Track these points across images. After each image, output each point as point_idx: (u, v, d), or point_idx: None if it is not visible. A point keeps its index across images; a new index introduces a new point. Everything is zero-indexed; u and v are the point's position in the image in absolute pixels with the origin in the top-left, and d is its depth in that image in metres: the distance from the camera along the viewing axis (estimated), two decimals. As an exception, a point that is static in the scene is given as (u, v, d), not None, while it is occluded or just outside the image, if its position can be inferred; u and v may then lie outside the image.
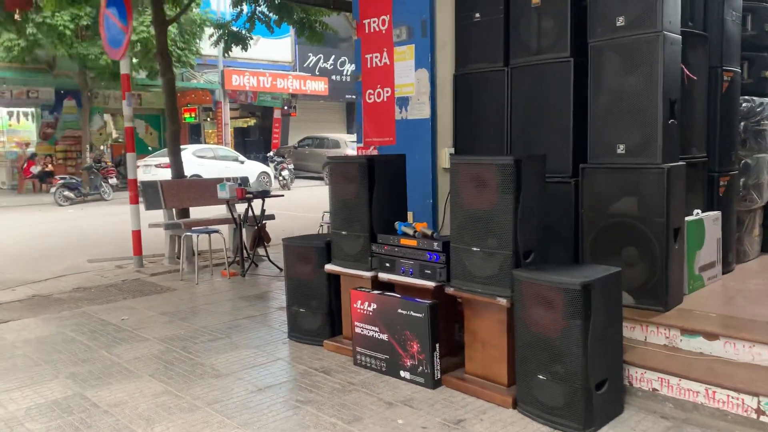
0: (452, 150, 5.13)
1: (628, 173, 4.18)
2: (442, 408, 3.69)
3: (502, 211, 3.61)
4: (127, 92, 7.85)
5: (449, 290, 3.92)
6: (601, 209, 4.34)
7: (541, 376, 3.42)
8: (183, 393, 4.02)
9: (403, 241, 4.21)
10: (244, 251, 7.70)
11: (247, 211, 7.89)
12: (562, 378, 3.33)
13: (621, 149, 4.19)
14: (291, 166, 23.11)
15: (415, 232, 4.18)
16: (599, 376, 3.34)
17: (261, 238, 7.86)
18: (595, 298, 3.27)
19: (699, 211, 4.73)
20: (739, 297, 4.51)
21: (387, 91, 5.33)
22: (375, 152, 5.44)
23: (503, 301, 3.63)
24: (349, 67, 29.50)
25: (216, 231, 7.56)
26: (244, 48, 10.63)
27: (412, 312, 3.96)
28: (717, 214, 4.91)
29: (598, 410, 3.33)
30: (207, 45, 19.87)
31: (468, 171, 3.74)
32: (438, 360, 3.95)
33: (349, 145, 23.65)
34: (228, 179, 7.78)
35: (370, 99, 5.47)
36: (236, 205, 7.84)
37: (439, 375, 3.97)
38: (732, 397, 3.35)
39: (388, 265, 4.29)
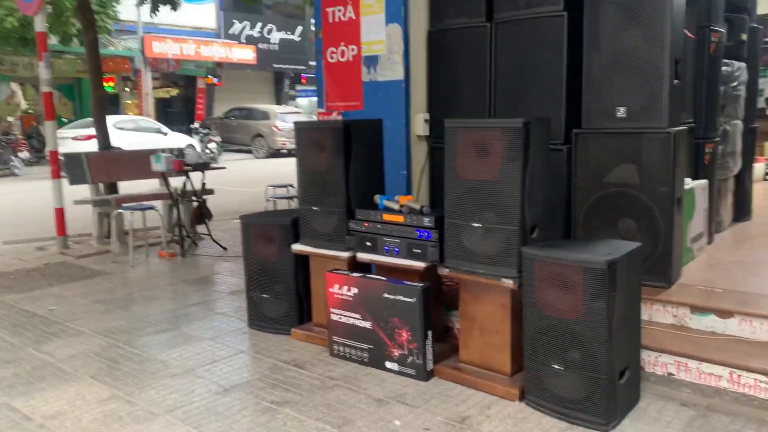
0: (427, 115, 4.66)
1: (628, 139, 3.84)
2: (439, 404, 3.28)
3: (509, 182, 3.18)
4: (44, 52, 6.93)
5: (444, 271, 3.48)
6: (596, 179, 3.98)
7: (556, 366, 3.04)
8: (135, 398, 3.44)
9: (387, 217, 3.73)
10: (183, 229, 7.02)
11: (185, 185, 7.19)
12: (581, 367, 2.97)
13: (621, 113, 3.84)
14: (218, 139, 22.01)
15: (401, 206, 3.71)
16: (621, 363, 3.00)
17: (202, 214, 7.20)
18: (620, 277, 2.91)
19: (689, 179, 4.47)
20: (735, 269, 4.29)
21: (352, 50, 4.78)
22: (339, 118, 4.90)
23: (509, 283, 3.22)
24: (278, 35, 28.41)
25: (151, 207, 6.84)
26: (174, 8, 9.73)
27: (401, 296, 3.51)
28: (705, 183, 4.68)
29: (620, 401, 3.00)
30: (125, 9, 18.48)
31: (468, 137, 3.29)
32: (431, 349, 3.52)
33: (279, 117, 22.77)
34: (163, 150, 7.04)
35: (332, 58, 4.91)
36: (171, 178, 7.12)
37: (431, 366, 3.54)
38: (760, 381, 3.08)
39: (369, 244, 3.80)
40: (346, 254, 3.91)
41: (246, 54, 26.27)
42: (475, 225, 3.31)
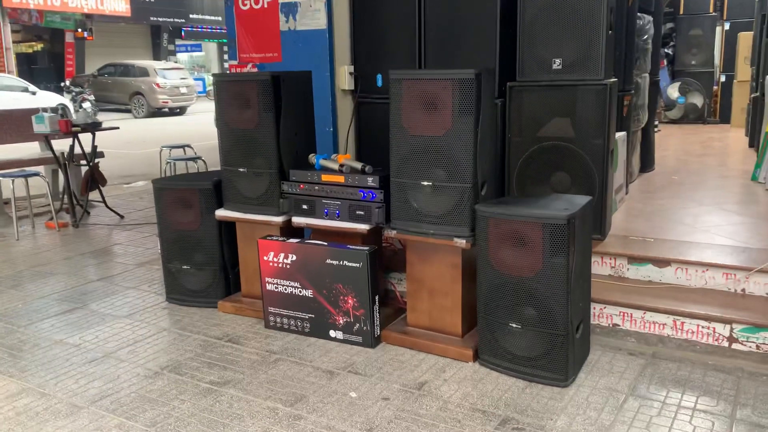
0: (352, 68, 4.40)
1: (564, 91, 3.78)
2: (393, 371, 3.14)
3: (461, 137, 3.03)
4: None
5: (391, 233, 3.30)
6: (530, 133, 3.92)
7: (513, 325, 2.98)
8: (51, 390, 3.05)
9: (326, 178, 3.48)
10: (73, 197, 6.39)
11: (72, 147, 6.52)
12: (539, 324, 2.91)
13: (557, 64, 3.77)
14: (92, 98, 20.39)
15: (341, 165, 3.47)
16: (577, 318, 2.98)
17: (94, 180, 6.57)
18: (577, 232, 2.86)
19: (613, 132, 4.52)
20: (656, 218, 4.42)
21: (268, -4, 4.40)
22: (254, 71, 4.54)
23: (462, 242, 3.10)
24: (153, -15, 26.56)
25: (36, 174, 6.15)
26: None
27: (346, 262, 3.30)
28: (624, 135, 4.77)
29: (576, 356, 2.99)
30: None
31: (415, 89, 3.08)
32: (378, 315, 3.36)
33: (159, 73, 21.40)
34: (45, 109, 6.32)
35: (245, 5, 4.50)
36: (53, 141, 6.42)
37: (378, 331, 3.39)
38: (702, 327, 3.18)
39: (305, 207, 3.55)
40: (279, 219, 3.64)
41: (119, 5, 24.35)
42: (425, 183, 3.14)
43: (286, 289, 3.51)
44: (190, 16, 28.04)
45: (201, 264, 3.99)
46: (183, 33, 28.64)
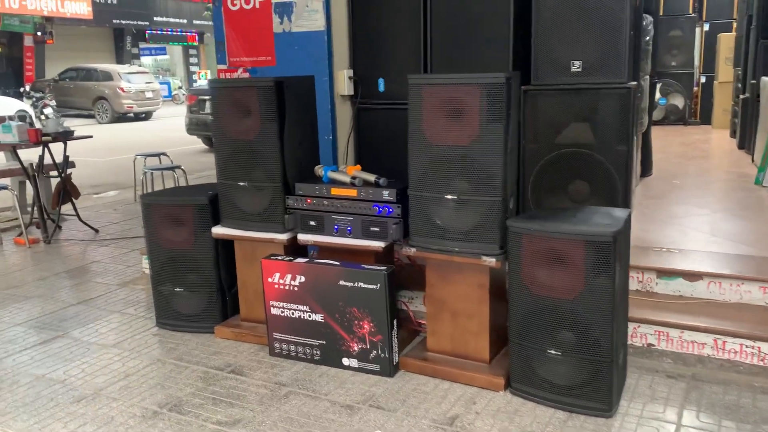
0: (351, 72, 4.12)
1: (584, 95, 3.55)
2: (418, 403, 2.86)
3: (489, 146, 2.78)
4: None
5: (409, 251, 3.03)
6: (547, 139, 3.68)
7: (552, 351, 2.73)
8: (36, 437, 2.71)
9: (336, 191, 3.20)
10: (44, 211, 5.98)
11: (42, 158, 6.11)
12: (580, 350, 2.68)
13: (576, 66, 3.54)
14: (53, 103, 19.70)
15: (353, 178, 3.18)
16: (621, 342, 2.75)
17: (66, 192, 6.16)
18: (620, 249, 2.63)
19: (624, 136, 4.32)
20: (672, 226, 4.24)
21: (260, -5, 4.10)
22: (245, 75, 4.23)
23: (491, 261, 2.85)
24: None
25: (3, 187, 5.73)
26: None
27: (361, 283, 3.02)
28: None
29: (618, 383, 2.76)
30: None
31: (437, 95, 2.82)
32: (396, 341, 3.09)
33: (123, 78, 20.79)
34: (11, 117, 5.90)
35: (234, 5, 4.19)
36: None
37: (397, 358, 3.12)
38: (746, 346, 2.98)
39: (313, 223, 3.25)
40: (284, 236, 3.34)
41: (80, 8, 23.60)
42: (448, 197, 2.88)
43: (293, 314, 3.22)
44: (154, 18, 27.38)
45: (195, 286, 3.67)
46: (147, 36, 27.96)
